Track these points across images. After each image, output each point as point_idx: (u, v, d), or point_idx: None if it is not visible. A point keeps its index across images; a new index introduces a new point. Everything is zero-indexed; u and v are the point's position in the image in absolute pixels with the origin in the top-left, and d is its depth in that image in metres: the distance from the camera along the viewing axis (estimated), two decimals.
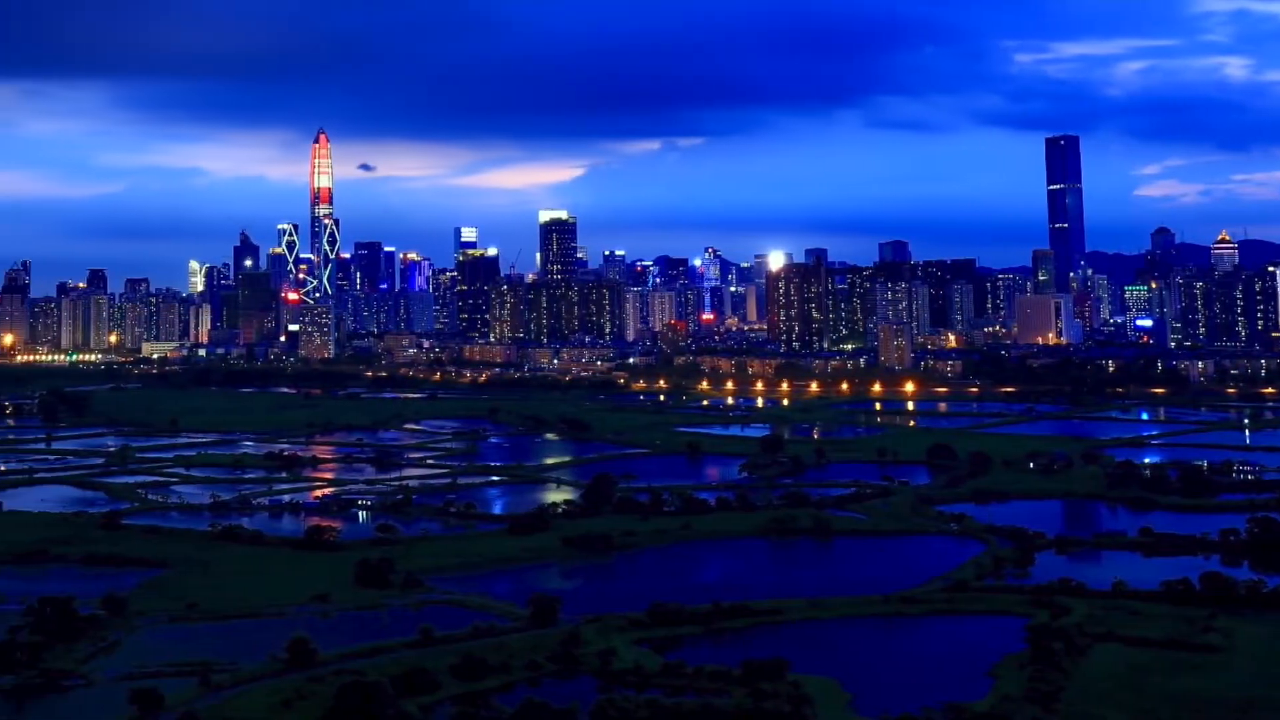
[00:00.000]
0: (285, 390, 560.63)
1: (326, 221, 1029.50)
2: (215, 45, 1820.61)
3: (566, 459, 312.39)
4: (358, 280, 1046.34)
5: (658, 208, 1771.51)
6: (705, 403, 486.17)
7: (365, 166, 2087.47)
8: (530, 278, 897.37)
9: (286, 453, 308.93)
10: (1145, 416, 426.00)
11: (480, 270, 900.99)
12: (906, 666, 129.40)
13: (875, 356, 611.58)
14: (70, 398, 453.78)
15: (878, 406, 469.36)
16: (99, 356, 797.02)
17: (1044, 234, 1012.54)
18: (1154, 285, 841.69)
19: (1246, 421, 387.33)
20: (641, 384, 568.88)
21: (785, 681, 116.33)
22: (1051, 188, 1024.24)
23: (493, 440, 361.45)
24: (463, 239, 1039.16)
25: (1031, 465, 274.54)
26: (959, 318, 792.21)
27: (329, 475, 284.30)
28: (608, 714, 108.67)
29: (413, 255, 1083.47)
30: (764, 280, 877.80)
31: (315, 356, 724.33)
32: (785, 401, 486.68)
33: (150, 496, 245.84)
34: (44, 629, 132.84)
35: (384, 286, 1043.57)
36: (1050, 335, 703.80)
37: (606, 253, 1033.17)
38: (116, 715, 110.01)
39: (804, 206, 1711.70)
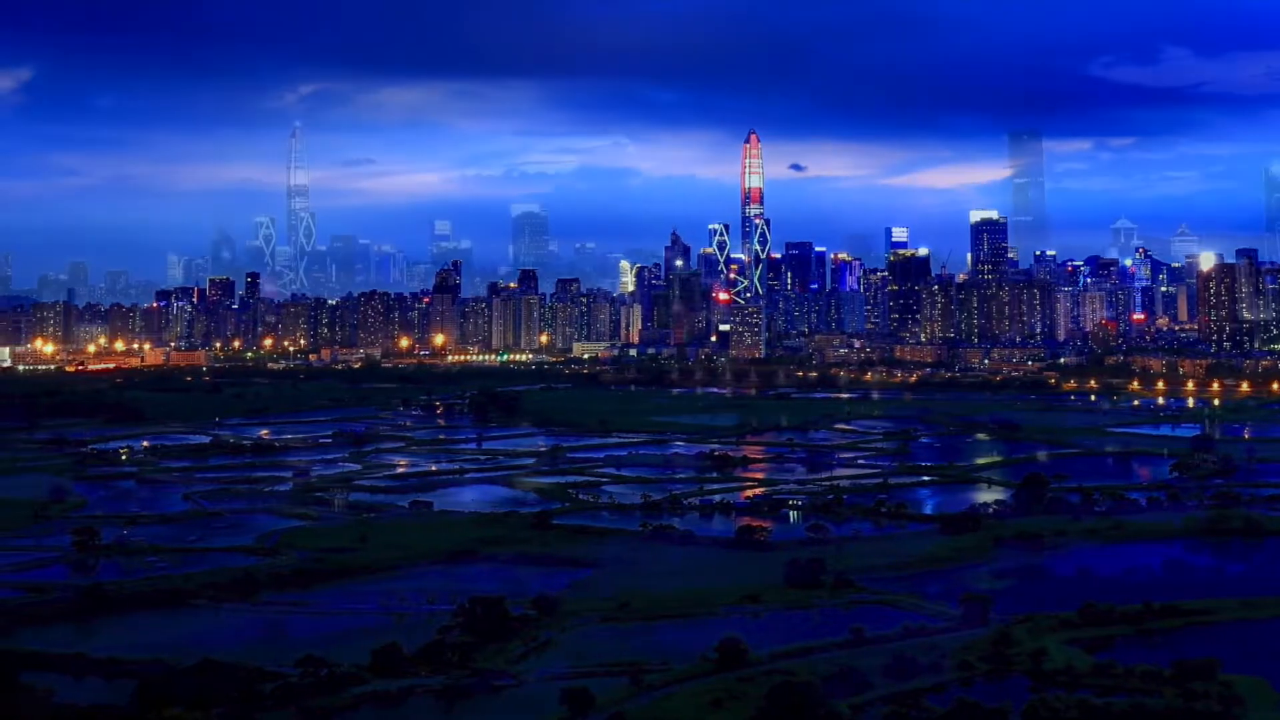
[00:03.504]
0: (716, 390, 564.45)
1: (757, 221, 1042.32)
2: (645, 46, 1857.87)
3: (997, 459, 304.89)
4: (788, 280, 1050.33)
5: (1088, 207, 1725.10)
6: (1136, 403, 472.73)
7: (796, 166, 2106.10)
8: (960, 277, 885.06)
9: (717, 452, 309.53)
10: None
11: (911, 270, 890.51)
12: None
13: None
14: (500, 397, 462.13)
15: None
16: (529, 356, 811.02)
17: None
18: None
19: None
20: (1072, 384, 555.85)
21: (1216, 681, 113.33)
22: None
23: (924, 440, 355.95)
24: (893, 239, 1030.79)
25: None
26: None
27: (760, 475, 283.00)
28: (1039, 714, 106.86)
29: (843, 255, 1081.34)
30: (1194, 280, 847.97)
31: (745, 356, 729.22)
32: (1216, 401, 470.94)
33: (581, 496, 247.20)
34: (475, 629, 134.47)
35: (814, 286, 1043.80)
36: None
37: (1037, 253, 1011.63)
38: (547, 715, 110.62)
39: (1235, 206, 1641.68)
